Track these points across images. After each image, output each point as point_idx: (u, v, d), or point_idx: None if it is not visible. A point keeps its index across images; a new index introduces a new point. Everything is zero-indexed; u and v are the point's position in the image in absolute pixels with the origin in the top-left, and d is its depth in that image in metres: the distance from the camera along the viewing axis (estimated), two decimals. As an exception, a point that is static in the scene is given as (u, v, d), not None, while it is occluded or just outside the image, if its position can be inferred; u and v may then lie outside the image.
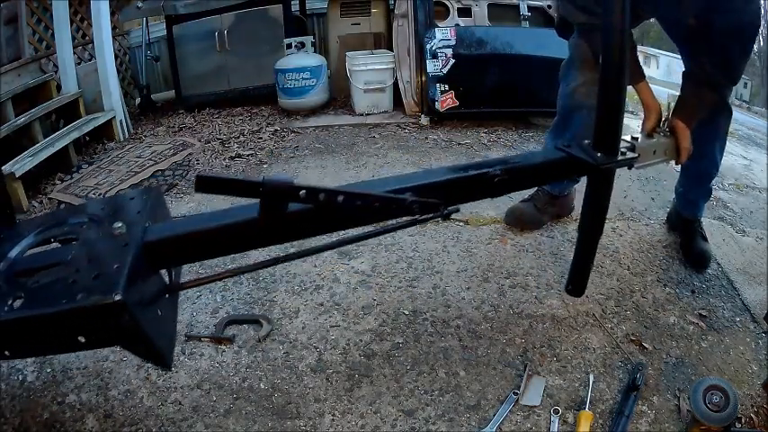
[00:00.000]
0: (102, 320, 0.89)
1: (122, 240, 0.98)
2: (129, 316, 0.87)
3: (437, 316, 1.63)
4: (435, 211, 1.11)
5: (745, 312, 1.69)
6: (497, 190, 1.23)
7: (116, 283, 0.87)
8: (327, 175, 2.78)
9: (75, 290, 0.88)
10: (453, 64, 3.42)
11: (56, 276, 0.93)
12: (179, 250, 1.06)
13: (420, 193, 1.09)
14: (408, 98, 3.77)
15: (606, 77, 1.24)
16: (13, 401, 1.36)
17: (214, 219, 1.06)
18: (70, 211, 1.31)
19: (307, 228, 1.10)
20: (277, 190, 0.93)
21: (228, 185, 0.92)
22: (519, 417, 1.29)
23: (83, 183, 2.91)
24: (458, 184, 1.18)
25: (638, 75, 1.56)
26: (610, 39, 1.21)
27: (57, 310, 0.88)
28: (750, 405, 1.33)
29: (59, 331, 0.92)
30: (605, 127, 1.27)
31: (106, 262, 0.93)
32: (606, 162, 1.27)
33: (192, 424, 1.29)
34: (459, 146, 3.19)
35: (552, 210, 2.13)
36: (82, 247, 1.01)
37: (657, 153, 1.45)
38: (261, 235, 1.07)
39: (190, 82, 4.32)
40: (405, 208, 1.08)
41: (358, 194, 1.02)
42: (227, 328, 1.60)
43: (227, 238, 1.05)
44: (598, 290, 1.75)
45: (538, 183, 1.66)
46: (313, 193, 0.96)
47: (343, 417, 1.30)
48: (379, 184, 1.16)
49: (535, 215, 2.10)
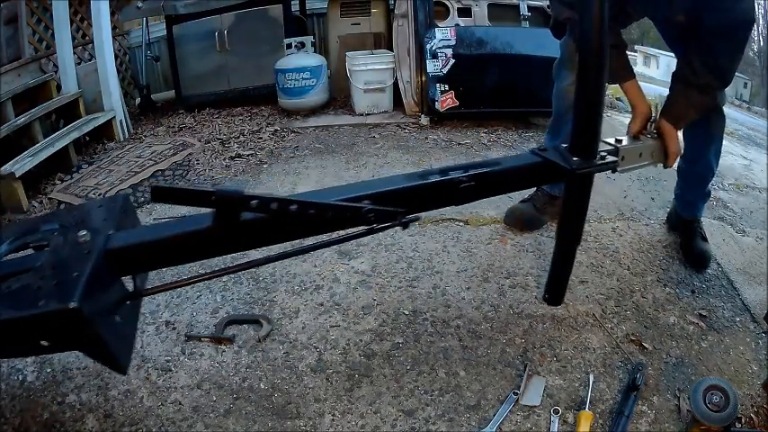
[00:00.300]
0: (60, 326, 0.92)
1: (86, 248, 1.01)
2: (85, 323, 0.90)
3: (437, 316, 1.63)
4: (393, 219, 1.09)
5: (745, 312, 1.69)
6: (463, 197, 1.19)
7: (73, 290, 0.90)
8: (327, 175, 2.79)
9: (39, 296, 0.91)
10: (453, 64, 3.42)
11: (25, 282, 0.97)
12: (139, 258, 1.08)
13: (379, 201, 1.08)
14: (408, 98, 3.77)
15: (583, 78, 1.20)
16: (13, 401, 1.36)
17: (172, 228, 1.08)
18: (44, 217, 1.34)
19: (261, 236, 1.10)
20: (228, 199, 0.95)
21: (182, 196, 0.94)
22: (519, 417, 1.29)
23: (83, 183, 2.91)
24: (419, 191, 1.15)
25: (627, 74, 1.53)
26: (587, 38, 1.17)
27: (21, 315, 0.91)
28: (750, 405, 1.33)
29: (25, 335, 0.96)
30: (582, 130, 1.23)
31: (68, 269, 0.96)
32: (583, 167, 1.22)
33: (192, 424, 1.29)
34: (459, 146, 3.19)
35: (552, 210, 2.13)
36: (50, 254, 1.04)
37: (644, 156, 1.42)
38: (216, 243, 1.08)
39: (190, 82, 4.32)
40: (360, 217, 1.06)
41: (311, 203, 1.02)
42: (227, 328, 1.60)
43: (184, 246, 1.07)
44: (598, 290, 1.75)
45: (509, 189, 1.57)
46: (265, 202, 0.97)
47: (343, 417, 1.30)
48: (335, 192, 1.14)
49: (535, 215, 2.10)
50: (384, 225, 1.09)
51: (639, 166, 1.43)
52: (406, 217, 1.10)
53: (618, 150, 1.32)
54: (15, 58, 3.55)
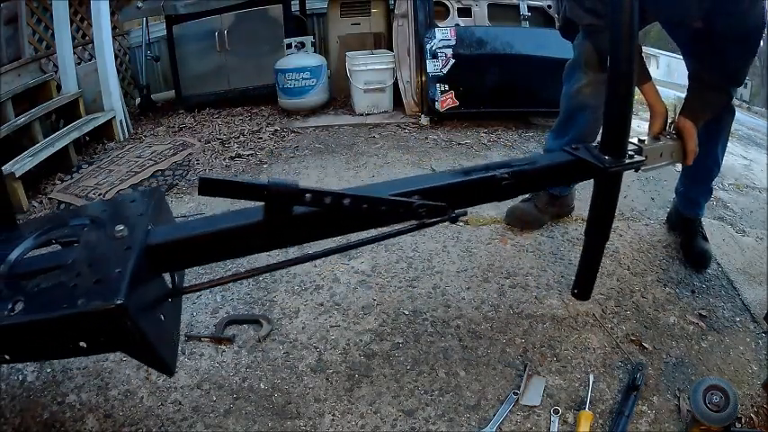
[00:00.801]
0: (103, 326, 0.88)
1: (124, 243, 0.96)
2: (131, 322, 0.86)
3: (437, 316, 1.63)
4: (443, 214, 1.09)
5: (745, 312, 1.69)
6: (504, 193, 1.21)
7: (118, 288, 0.85)
8: (327, 174, 2.79)
9: (77, 294, 0.87)
10: (453, 64, 3.42)
11: (57, 280, 0.92)
12: (182, 254, 1.04)
13: (427, 196, 1.08)
14: (408, 98, 3.77)
15: (614, 81, 1.23)
16: (13, 401, 1.36)
17: (218, 222, 1.05)
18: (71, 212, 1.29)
19: (312, 231, 1.08)
20: (282, 193, 0.92)
21: (233, 188, 0.90)
22: (519, 417, 1.29)
23: (83, 183, 2.91)
24: (465, 187, 1.16)
25: (644, 76, 1.55)
26: (618, 43, 1.20)
27: (58, 315, 0.86)
28: (750, 405, 1.33)
29: (60, 336, 0.91)
30: (613, 130, 1.26)
31: (108, 266, 0.91)
32: (614, 165, 1.26)
33: (192, 424, 1.29)
34: (460, 146, 3.19)
35: (552, 210, 2.13)
36: (83, 249, 1.00)
37: (664, 155, 1.45)
38: (265, 238, 1.05)
39: (190, 82, 4.32)
40: (412, 211, 1.05)
41: (364, 198, 1.00)
42: (227, 328, 1.60)
43: (230, 241, 1.03)
44: (598, 290, 1.75)
45: (545, 186, 1.63)
46: (319, 196, 0.95)
47: (343, 417, 1.30)
48: (385, 187, 1.13)
49: (535, 215, 2.10)
50: (434, 220, 1.09)
51: (660, 166, 1.46)
52: (455, 212, 1.11)
53: (642, 150, 1.35)
54: (15, 58, 3.55)
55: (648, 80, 1.56)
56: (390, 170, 2.81)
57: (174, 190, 2.75)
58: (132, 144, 3.55)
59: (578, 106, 1.83)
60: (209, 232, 1.02)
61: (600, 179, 1.31)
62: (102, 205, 1.21)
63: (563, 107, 1.93)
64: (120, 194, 2.58)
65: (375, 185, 1.19)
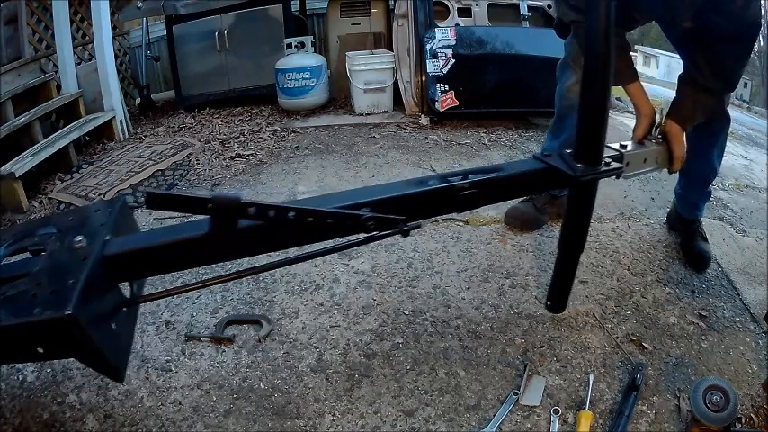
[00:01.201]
0: (55, 334, 0.92)
1: (82, 254, 1.00)
2: (80, 331, 0.90)
3: (437, 316, 1.63)
4: (394, 227, 1.07)
5: (745, 312, 1.69)
6: (465, 204, 1.17)
7: (68, 298, 0.89)
8: (327, 174, 2.78)
9: (34, 303, 0.91)
10: (453, 64, 3.42)
11: (21, 288, 0.96)
12: (136, 264, 1.07)
13: (379, 209, 1.06)
14: (408, 98, 3.77)
15: (588, 84, 1.19)
16: (13, 401, 1.36)
17: (170, 233, 1.07)
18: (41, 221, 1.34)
19: (259, 244, 1.09)
20: (226, 206, 0.93)
21: (178, 202, 0.93)
22: (519, 417, 1.29)
23: (83, 183, 2.91)
24: (420, 198, 1.13)
25: (630, 76, 1.51)
26: (593, 43, 1.16)
27: (16, 323, 0.91)
28: (750, 405, 1.33)
29: (20, 342, 0.96)
30: (587, 136, 1.21)
31: (64, 276, 0.95)
32: (587, 174, 1.21)
33: (192, 424, 1.29)
34: (459, 146, 3.19)
35: (552, 210, 2.13)
36: (47, 259, 1.04)
37: (648, 161, 1.40)
38: (213, 250, 1.07)
39: (190, 82, 4.32)
40: (360, 224, 1.04)
41: (310, 211, 1.00)
42: (227, 328, 1.60)
43: (181, 252, 1.06)
44: (598, 290, 1.75)
45: (512, 196, 1.52)
46: (263, 209, 0.96)
47: (343, 417, 1.30)
48: (334, 198, 1.12)
49: (535, 215, 2.10)
50: (384, 233, 1.08)
51: (644, 172, 1.41)
52: (407, 224, 1.08)
53: (622, 156, 1.30)
54: (15, 58, 3.55)
55: (635, 80, 1.51)
56: (390, 170, 2.81)
57: (174, 190, 2.75)
58: (132, 144, 3.55)
59: (570, 105, 1.81)
60: (161, 244, 1.05)
61: (572, 188, 1.27)
62: (69, 214, 1.26)
63: (556, 107, 1.93)
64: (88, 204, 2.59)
65: (327, 196, 1.19)
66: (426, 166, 2.86)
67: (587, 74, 1.18)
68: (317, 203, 1.08)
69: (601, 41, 1.14)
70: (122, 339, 1.09)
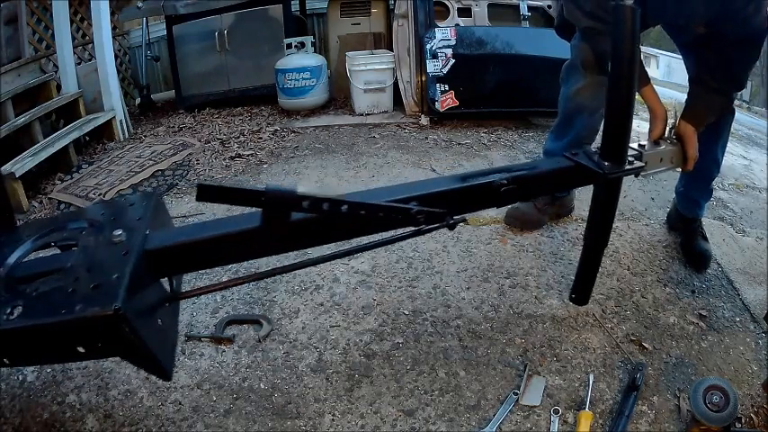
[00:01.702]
0: (101, 332, 0.88)
1: (122, 248, 0.96)
2: (129, 327, 0.86)
3: (437, 316, 1.63)
4: (441, 220, 1.09)
5: (745, 312, 1.69)
6: (504, 199, 1.20)
7: (116, 293, 0.85)
8: (327, 174, 2.78)
9: (75, 300, 0.87)
10: (453, 64, 3.42)
11: (55, 285, 0.92)
12: (180, 259, 1.04)
13: (425, 203, 1.08)
14: (408, 98, 3.77)
15: (615, 87, 1.23)
16: (13, 401, 1.36)
17: (216, 227, 1.05)
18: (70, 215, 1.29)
19: (310, 237, 1.08)
20: (280, 199, 0.91)
21: (230, 195, 0.90)
22: (519, 417, 1.29)
23: (83, 183, 2.91)
24: (464, 193, 1.16)
25: (644, 79, 1.54)
26: (620, 50, 1.19)
27: (56, 321, 0.86)
28: (750, 405, 1.33)
29: (59, 341, 0.91)
30: (613, 136, 1.26)
31: (106, 271, 0.91)
32: (613, 171, 1.26)
33: (192, 424, 1.29)
34: (459, 146, 3.19)
35: (552, 210, 2.13)
36: (81, 253, 0.99)
37: (664, 161, 1.45)
38: (263, 244, 1.06)
39: (190, 82, 4.32)
40: (410, 217, 1.05)
41: (362, 204, 0.99)
42: (227, 328, 1.60)
43: (228, 247, 1.04)
44: (598, 290, 1.75)
45: (545, 192, 1.60)
46: (316, 202, 0.94)
47: (343, 417, 1.30)
48: (383, 192, 1.13)
49: (535, 215, 2.10)
50: (432, 226, 1.09)
51: (660, 171, 1.46)
52: (453, 218, 1.10)
53: (642, 155, 1.35)
54: (15, 58, 3.56)
55: (648, 83, 1.55)
56: (390, 170, 2.81)
57: (174, 190, 2.75)
58: (132, 144, 3.55)
59: (577, 108, 1.83)
60: (207, 237, 1.02)
61: (599, 185, 1.31)
62: (100, 208, 1.21)
63: (561, 109, 1.92)
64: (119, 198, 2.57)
65: (373, 191, 1.19)
66: (426, 167, 2.86)
67: (614, 77, 1.22)
68: (366, 197, 1.09)
69: (627, 46, 1.18)
70: (168, 336, 1.06)
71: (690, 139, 1.46)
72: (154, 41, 4.81)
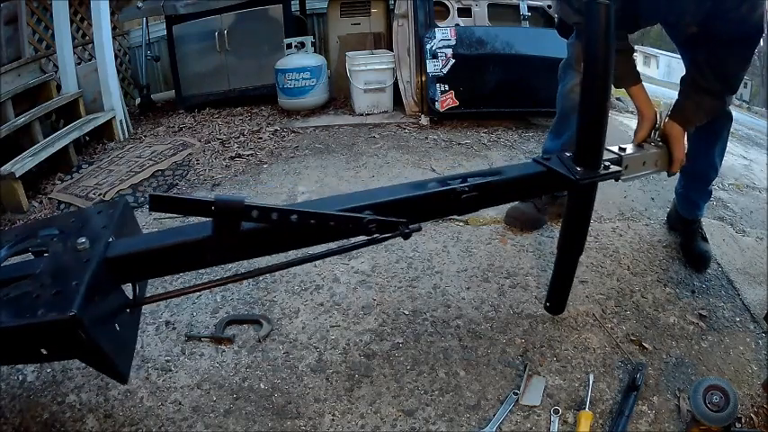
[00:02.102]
0: (59, 336, 0.92)
1: (85, 256, 1.01)
2: (84, 332, 0.90)
3: (437, 316, 1.63)
4: (395, 230, 1.08)
5: (745, 312, 1.69)
6: (466, 207, 1.19)
7: (72, 300, 0.89)
8: (327, 174, 2.78)
9: (38, 305, 0.92)
10: (453, 64, 3.42)
11: (24, 289, 0.97)
12: (139, 266, 1.07)
13: (380, 211, 1.07)
14: (408, 98, 3.77)
15: (588, 88, 1.19)
16: (13, 401, 1.36)
17: (173, 236, 1.08)
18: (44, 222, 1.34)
19: (261, 246, 1.10)
20: (229, 209, 0.94)
21: (181, 205, 0.94)
22: (519, 417, 1.29)
23: (83, 183, 2.91)
24: (421, 201, 1.14)
25: (633, 78, 1.51)
26: (593, 48, 1.16)
27: (21, 324, 0.91)
28: (750, 405, 1.33)
29: (24, 343, 0.96)
30: (587, 139, 1.23)
31: (67, 278, 0.96)
32: (586, 177, 1.22)
33: (192, 424, 1.29)
34: (459, 146, 3.19)
35: (552, 210, 2.13)
36: (50, 260, 1.04)
37: (648, 164, 1.41)
38: (215, 253, 1.08)
39: (190, 82, 4.32)
40: (362, 227, 1.05)
41: (312, 213, 1.01)
42: (227, 328, 1.60)
43: (183, 255, 1.07)
44: (598, 290, 1.75)
45: (512, 199, 1.53)
46: (266, 212, 0.96)
47: (343, 417, 1.30)
48: (336, 201, 1.13)
49: (535, 215, 2.10)
50: (386, 236, 1.09)
51: (643, 175, 1.42)
52: (408, 227, 1.09)
53: (621, 159, 1.31)
54: (15, 58, 3.55)
55: (638, 82, 1.51)
56: (390, 170, 2.81)
57: (174, 190, 2.75)
58: (132, 144, 3.55)
59: (572, 106, 1.82)
60: (164, 246, 1.05)
61: (572, 191, 1.29)
62: (71, 216, 1.26)
63: (558, 108, 1.93)
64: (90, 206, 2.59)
65: (327, 199, 1.20)
66: (426, 167, 2.86)
67: (587, 78, 1.19)
68: (319, 206, 1.09)
69: (600, 45, 1.14)
70: (126, 341, 1.09)
71: (676, 140, 1.41)
72: (154, 41, 4.81)
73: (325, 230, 1.05)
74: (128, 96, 4.75)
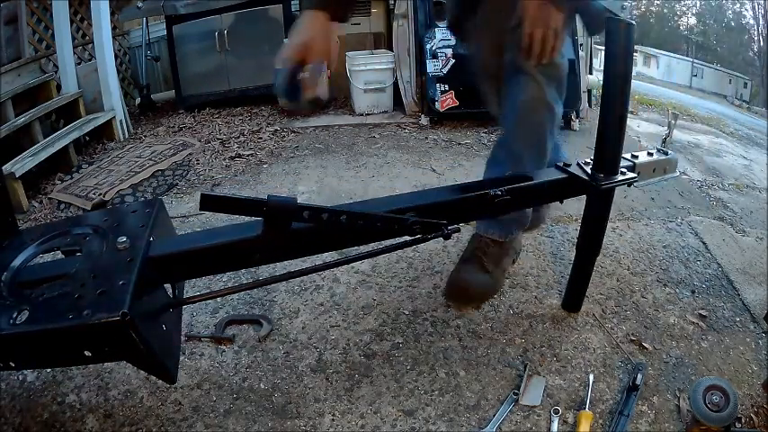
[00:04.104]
0: (108, 337, 0.90)
1: (127, 255, 0.98)
2: (135, 332, 0.88)
3: (437, 316, 1.63)
4: (437, 231, 1.13)
5: (745, 312, 1.69)
6: (498, 209, 1.24)
7: (122, 300, 0.87)
8: (328, 174, 2.79)
9: (81, 305, 0.88)
10: (453, 64, 3.42)
11: (61, 290, 0.93)
12: (183, 266, 1.07)
13: (422, 213, 1.11)
14: (408, 98, 3.77)
15: (608, 102, 1.26)
16: (13, 401, 1.36)
17: (218, 235, 1.07)
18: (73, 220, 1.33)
19: (309, 246, 1.12)
20: (280, 209, 0.94)
21: (232, 204, 0.93)
22: (519, 417, 1.29)
23: (83, 183, 2.91)
24: (460, 204, 1.20)
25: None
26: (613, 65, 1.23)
27: (63, 326, 0.88)
28: (750, 405, 1.33)
29: (66, 346, 0.93)
30: (606, 148, 1.29)
31: (111, 277, 0.93)
32: (606, 182, 1.29)
33: (192, 424, 1.29)
34: (459, 146, 3.19)
35: (507, 260, 1.68)
36: (86, 259, 1.01)
37: (657, 171, 1.48)
38: (264, 253, 1.08)
39: (190, 82, 4.32)
40: (407, 228, 1.09)
41: (360, 215, 1.03)
42: (227, 328, 1.60)
43: (229, 255, 1.06)
44: (598, 290, 1.75)
45: (538, 202, 1.55)
46: (317, 212, 0.97)
47: (343, 417, 1.30)
48: (382, 203, 1.17)
49: (484, 283, 1.58)
50: (429, 236, 1.13)
51: (653, 182, 1.49)
52: (449, 228, 1.14)
53: (635, 166, 1.37)
54: (15, 58, 3.55)
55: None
56: (390, 170, 2.81)
57: (174, 190, 2.75)
58: (132, 144, 3.55)
59: None
60: (209, 246, 1.05)
61: (592, 196, 1.35)
62: (103, 215, 1.23)
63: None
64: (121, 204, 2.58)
65: (372, 201, 1.23)
66: (426, 166, 2.86)
67: (607, 92, 1.25)
68: (366, 207, 1.13)
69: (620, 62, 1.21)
70: (172, 340, 1.08)
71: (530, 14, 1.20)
72: (154, 41, 4.81)
73: (372, 230, 1.09)
74: (128, 96, 4.75)
